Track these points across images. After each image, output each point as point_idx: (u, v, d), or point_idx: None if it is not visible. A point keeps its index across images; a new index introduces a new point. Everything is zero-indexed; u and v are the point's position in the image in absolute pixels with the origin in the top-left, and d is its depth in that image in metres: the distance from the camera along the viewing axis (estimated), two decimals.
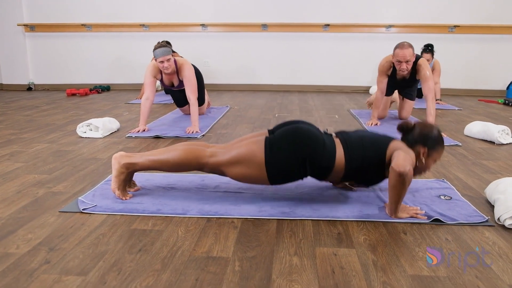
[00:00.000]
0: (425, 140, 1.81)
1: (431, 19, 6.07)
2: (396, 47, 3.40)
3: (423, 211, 1.77)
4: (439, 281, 1.29)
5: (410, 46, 3.36)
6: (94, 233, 1.58)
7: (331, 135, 1.87)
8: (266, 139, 1.78)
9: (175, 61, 3.52)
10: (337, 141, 1.82)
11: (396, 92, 3.99)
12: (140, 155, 1.91)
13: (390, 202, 1.73)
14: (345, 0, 6.14)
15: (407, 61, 3.36)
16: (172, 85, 3.75)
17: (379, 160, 1.78)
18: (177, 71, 3.58)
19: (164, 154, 1.86)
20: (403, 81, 3.66)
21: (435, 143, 1.82)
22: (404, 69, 3.40)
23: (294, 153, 1.74)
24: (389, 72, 3.62)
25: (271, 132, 1.87)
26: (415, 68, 3.52)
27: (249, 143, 1.80)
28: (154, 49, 3.38)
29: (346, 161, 1.78)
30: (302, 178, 1.83)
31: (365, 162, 1.78)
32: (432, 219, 1.71)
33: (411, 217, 1.73)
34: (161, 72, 3.59)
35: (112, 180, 1.91)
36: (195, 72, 3.76)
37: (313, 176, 1.83)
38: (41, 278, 1.28)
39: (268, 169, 1.75)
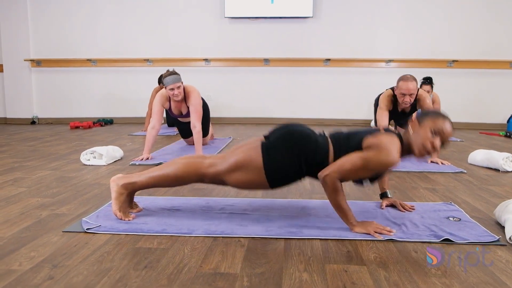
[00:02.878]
0: (417, 115, 1.82)
1: (430, 54, 6.21)
2: (400, 80, 3.36)
3: (393, 232, 1.73)
4: None
5: (414, 79, 3.33)
6: (99, 251, 1.55)
7: (325, 135, 1.88)
8: (262, 144, 1.81)
9: (184, 88, 3.55)
10: (330, 142, 1.83)
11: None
12: (139, 174, 1.91)
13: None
14: (345, 36, 6.30)
15: (411, 94, 3.32)
16: (181, 113, 3.76)
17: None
18: (185, 98, 3.60)
19: (162, 170, 1.87)
20: (402, 113, 3.67)
21: (427, 112, 1.80)
22: (407, 101, 3.36)
23: (289, 152, 1.76)
24: (391, 108, 3.60)
25: (266, 137, 1.87)
26: (415, 100, 3.50)
27: (246, 149, 1.82)
28: (164, 77, 3.42)
29: (334, 159, 1.78)
30: (300, 178, 1.84)
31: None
32: (442, 239, 1.68)
33: (368, 233, 1.71)
34: (169, 101, 3.62)
35: (112, 203, 1.89)
36: (203, 105, 3.80)
37: (310, 174, 1.83)
38: None
39: (266, 171, 1.76)
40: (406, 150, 1.79)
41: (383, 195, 2.17)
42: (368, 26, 6.28)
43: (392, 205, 2.13)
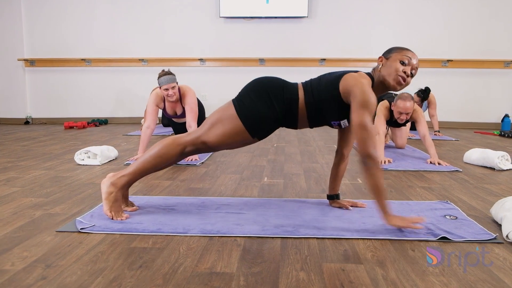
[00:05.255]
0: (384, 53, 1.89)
1: (424, 53, 6.19)
2: (398, 98, 3.46)
3: (423, 219, 1.76)
4: None
5: (411, 98, 3.44)
6: (93, 251, 1.53)
7: (296, 83, 1.94)
8: (233, 99, 1.88)
9: (179, 89, 3.53)
10: (300, 85, 1.89)
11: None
12: (124, 169, 1.92)
13: (376, 204, 1.75)
14: (340, 35, 6.30)
15: (408, 113, 3.43)
16: (175, 114, 3.73)
17: (333, 93, 1.80)
18: (181, 99, 3.58)
19: (144, 155, 1.89)
20: (396, 123, 3.73)
21: (390, 49, 1.86)
22: (403, 119, 3.47)
23: (258, 95, 1.82)
24: (388, 117, 3.65)
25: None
26: None
27: (219, 109, 1.89)
28: (159, 77, 3.40)
29: (305, 99, 1.84)
30: (277, 122, 1.86)
31: (321, 96, 1.81)
32: (439, 237, 1.67)
33: (406, 226, 1.70)
34: (164, 101, 3.59)
35: (103, 204, 1.88)
36: (199, 105, 3.78)
37: (285, 121, 1.87)
38: None
39: (242, 119, 1.80)
40: (380, 86, 1.84)
41: (333, 197, 2.13)
42: (363, 25, 6.28)
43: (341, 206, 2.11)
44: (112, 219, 1.84)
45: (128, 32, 6.43)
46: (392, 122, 3.72)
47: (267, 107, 1.81)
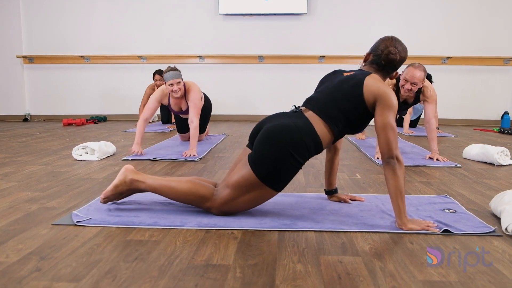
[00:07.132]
0: (393, 65, 1.83)
1: (424, 50, 6.19)
2: (408, 65, 3.09)
3: (436, 224, 1.71)
4: (450, 286, 1.22)
5: (423, 70, 3.04)
6: (88, 244, 1.51)
7: (300, 111, 1.81)
8: (249, 158, 1.74)
9: (184, 85, 3.51)
10: (310, 113, 1.77)
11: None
12: (149, 176, 1.88)
13: (393, 204, 1.68)
14: (340, 32, 6.28)
15: (413, 83, 3.02)
16: (181, 110, 3.71)
17: (361, 107, 1.73)
18: (186, 95, 3.56)
19: (172, 182, 1.83)
20: (404, 103, 3.54)
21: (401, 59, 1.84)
22: (408, 89, 3.07)
23: (280, 154, 1.68)
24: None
25: (250, 146, 1.84)
26: (419, 90, 3.28)
27: (237, 170, 1.77)
28: (165, 72, 3.39)
29: (329, 125, 1.74)
30: (301, 167, 1.75)
31: (348, 115, 1.74)
32: (442, 230, 1.65)
33: (423, 229, 1.66)
34: (168, 97, 3.58)
35: (109, 187, 1.87)
36: (205, 101, 3.79)
37: (311, 156, 1.77)
38: (30, 285, 1.21)
39: (266, 183, 1.71)
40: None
41: (331, 192, 2.11)
42: (362, 22, 6.26)
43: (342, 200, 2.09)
44: (102, 201, 1.89)
45: (127, 29, 6.41)
46: (398, 102, 3.45)
47: (294, 167, 1.71)
